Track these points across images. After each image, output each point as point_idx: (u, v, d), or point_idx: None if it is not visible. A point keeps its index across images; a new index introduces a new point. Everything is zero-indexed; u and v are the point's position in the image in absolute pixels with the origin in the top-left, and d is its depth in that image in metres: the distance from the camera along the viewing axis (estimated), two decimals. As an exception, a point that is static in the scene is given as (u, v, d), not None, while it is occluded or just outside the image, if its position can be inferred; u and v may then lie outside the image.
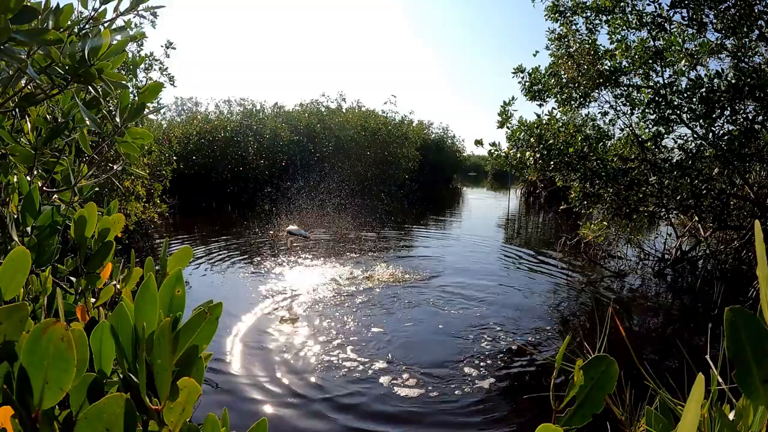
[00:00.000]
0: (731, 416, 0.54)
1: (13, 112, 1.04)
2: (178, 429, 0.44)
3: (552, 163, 5.82)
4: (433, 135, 28.70)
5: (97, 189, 1.17)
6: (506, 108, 5.96)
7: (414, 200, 17.39)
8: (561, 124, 5.97)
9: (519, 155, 6.03)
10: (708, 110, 5.27)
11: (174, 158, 8.81)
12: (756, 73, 4.95)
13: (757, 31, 5.23)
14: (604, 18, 5.87)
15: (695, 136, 5.63)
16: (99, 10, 0.96)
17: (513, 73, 6.51)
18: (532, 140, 5.86)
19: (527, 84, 6.51)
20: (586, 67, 5.89)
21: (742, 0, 5.00)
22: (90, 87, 0.94)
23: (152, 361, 0.42)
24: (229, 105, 21.47)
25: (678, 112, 5.56)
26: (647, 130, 6.00)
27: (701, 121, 5.44)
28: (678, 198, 5.59)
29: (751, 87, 4.90)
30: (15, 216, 0.85)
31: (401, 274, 5.78)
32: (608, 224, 6.37)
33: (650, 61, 5.66)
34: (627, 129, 6.41)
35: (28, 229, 0.84)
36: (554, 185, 11.64)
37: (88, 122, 0.89)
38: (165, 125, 16.36)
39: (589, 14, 5.90)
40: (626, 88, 6.15)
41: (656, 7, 5.56)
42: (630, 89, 6.13)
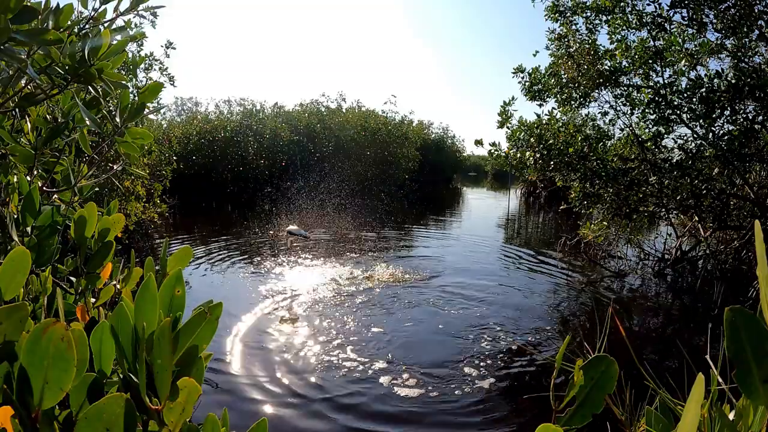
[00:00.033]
0: (731, 416, 0.54)
1: (13, 112, 1.04)
2: (178, 429, 0.44)
3: (552, 163, 5.82)
4: (433, 135, 28.70)
5: (97, 189, 1.16)
6: (506, 108, 5.96)
7: (414, 200, 17.39)
8: (561, 124, 5.96)
9: (519, 155, 6.03)
10: (708, 110, 5.27)
11: (174, 158, 8.81)
12: (756, 73, 4.95)
13: (757, 31, 5.23)
14: (604, 18, 5.87)
15: (695, 136, 5.63)
16: (99, 10, 0.96)
17: (513, 73, 6.51)
18: (532, 140, 5.86)
19: (527, 84, 6.52)
20: (586, 67, 5.89)
21: (742, 0, 5.00)
22: (90, 87, 0.94)
23: (152, 361, 0.42)
24: (229, 105, 21.49)
25: (678, 112, 5.56)
26: (647, 130, 6.00)
27: (701, 121, 5.44)
28: (678, 198, 5.59)
29: (751, 87, 4.90)
30: (15, 216, 0.85)
31: (401, 274, 5.78)
32: (608, 224, 6.37)
33: (650, 61, 5.66)
34: (627, 129, 6.42)
35: (28, 229, 0.84)
36: (554, 185, 11.64)
37: (88, 122, 0.89)
38: (165, 125, 16.36)
39: (589, 14, 5.91)
40: (626, 88, 6.15)
41: (656, 7, 5.56)
42: (630, 89, 6.13)
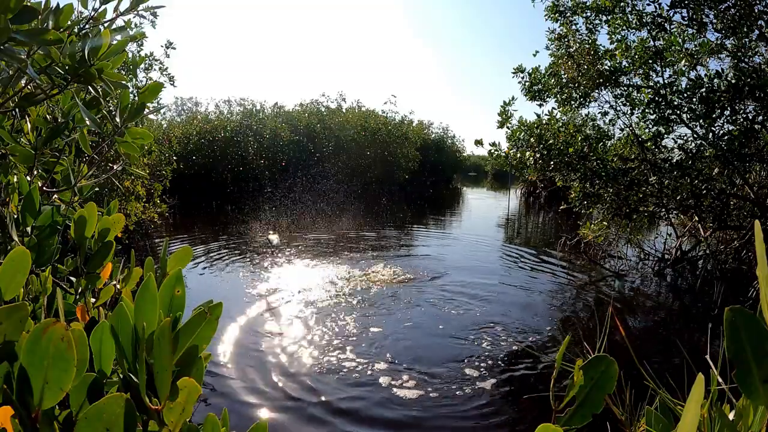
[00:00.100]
0: (731, 416, 0.54)
1: (13, 112, 1.04)
2: (178, 429, 0.44)
3: (552, 163, 5.81)
4: (433, 135, 28.68)
5: (97, 189, 1.16)
6: (506, 108, 5.96)
7: (414, 200, 17.39)
8: (561, 124, 5.96)
9: (519, 155, 6.03)
10: (708, 110, 5.27)
11: (174, 158, 8.81)
12: (756, 73, 4.95)
13: (757, 31, 5.23)
14: (604, 18, 5.87)
15: (695, 136, 5.63)
16: (99, 10, 0.96)
17: (513, 73, 6.51)
18: (532, 140, 5.86)
19: (527, 84, 6.51)
20: (586, 67, 5.89)
21: (742, 0, 5.00)
22: (90, 87, 0.94)
23: (152, 361, 0.42)
24: (229, 105, 21.50)
25: (678, 112, 5.56)
26: (647, 130, 6.00)
27: (701, 121, 5.44)
28: (678, 198, 5.59)
29: (751, 87, 4.90)
30: (15, 216, 0.85)
31: (401, 274, 5.78)
32: (608, 224, 6.36)
33: (650, 61, 5.66)
34: (627, 129, 6.41)
35: (28, 229, 0.84)
36: (554, 185, 11.64)
37: (88, 122, 0.89)
38: (165, 125, 16.37)
39: (589, 14, 5.90)
40: (626, 88, 6.15)
41: (656, 7, 5.56)
42: (630, 89, 6.13)
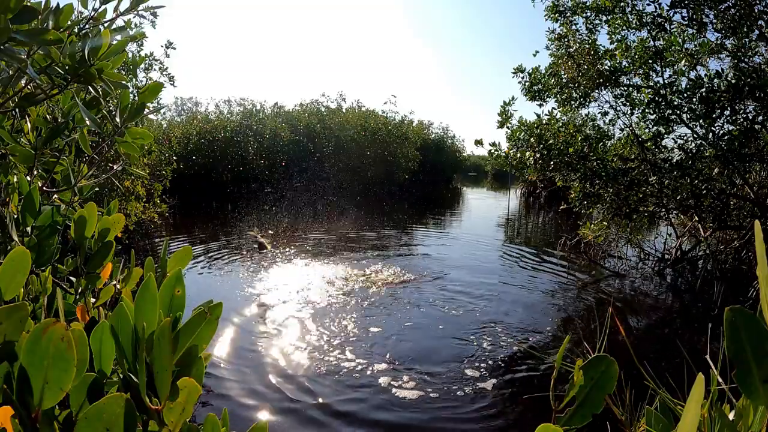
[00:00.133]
0: (731, 416, 0.54)
1: (13, 112, 1.04)
2: (178, 429, 0.44)
3: (552, 163, 5.81)
4: (433, 135, 28.68)
5: (97, 189, 1.16)
6: (506, 108, 5.96)
7: (414, 200, 17.39)
8: (561, 124, 5.96)
9: (519, 155, 6.03)
10: (708, 110, 5.27)
11: (174, 158, 8.81)
12: (756, 73, 4.95)
13: (757, 31, 5.23)
14: (604, 18, 5.87)
15: (695, 136, 5.63)
16: (99, 10, 0.96)
17: (513, 73, 6.51)
18: (532, 140, 5.86)
19: (527, 84, 6.52)
20: (586, 67, 5.89)
21: (742, 0, 5.00)
22: (90, 87, 0.94)
23: (152, 361, 0.42)
24: (229, 105, 21.51)
25: (678, 112, 5.56)
26: (647, 130, 6.00)
27: (701, 121, 5.44)
28: (678, 198, 5.59)
29: (751, 87, 4.90)
30: (15, 216, 0.85)
31: (401, 274, 5.78)
32: (608, 224, 6.36)
33: (650, 61, 5.66)
34: (627, 129, 6.41)
35: (28, 229, 0.84)
36: (554, 185, 11.64)
37: (88, 122, 0.89)
38: (165, 125, 16.37)
39: (589, 14, 5.90)
40: (626, 88, 6.14)
41: (656, 7, 5.56)
42: (630, 89, 6.13)
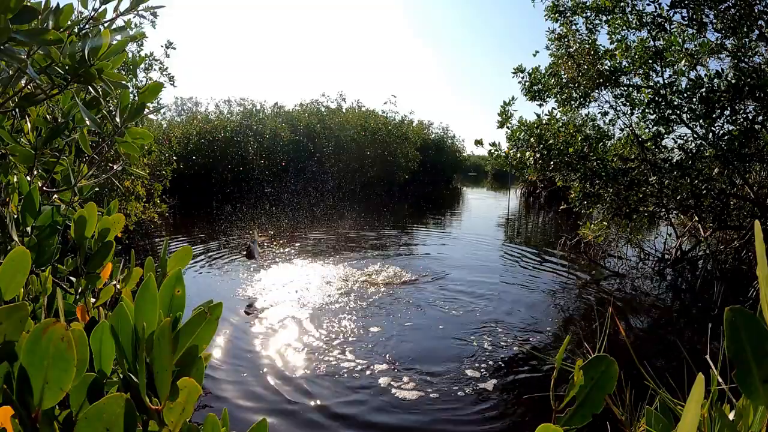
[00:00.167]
0: (731, 416, 0.53)
1: (13, 112, 1.04)
2: (178, 429, 0.44)
3: (552, 163, 5.81)
4: (433, 135, 28.69)
5: (97, 189, 1.16)
6: (506, 108, 5.96)
7: (414, 200, 17.39)
8: (561, 124, 5.96)
9: (519, 155, 6.03)
10: (708, 110, 5.26)
11: (174, 158, 8.81)
12: (756, 73, 4.95)
13: (757, 31, 5.23)
14: (604, 18, 5.87)
15: (695, 136, 5.63)
16: (99, 10, 0.96)
17: (513, 73, 6.51)
18: (532, 140, 5.86)
19: (527, 84, 6.51)
20: (586, 67, 5.89)
21: (742, 0, 5.00)
22: (90, 87, 0.94)
23: (152, 361, 0.42)
24: (229, 105, 21.51)
25: (678, 112, 5.56)
26: (647, 130, 6.00)
27: (701, 121, 5.44)
28: (678, 198, 5.59)
29: (751, 87, 4.90)
30: (15, 216, 0.85)
31: (401, 274, 5.78)
32: (608, 224, 6.36)
33: (650, 61, 5.66)
34: (627, 129, 6.41)
35: (28, 229, 0.84)
36: (554, 185, 11.64)
37: (88, 122, 0.89)
38: (165, 125, 16.37)
39: (589, 14, 5.90)
40: (626, 88, 6.14)
41: (656, 7, 5.56)
42: (630, 89, 6.13)
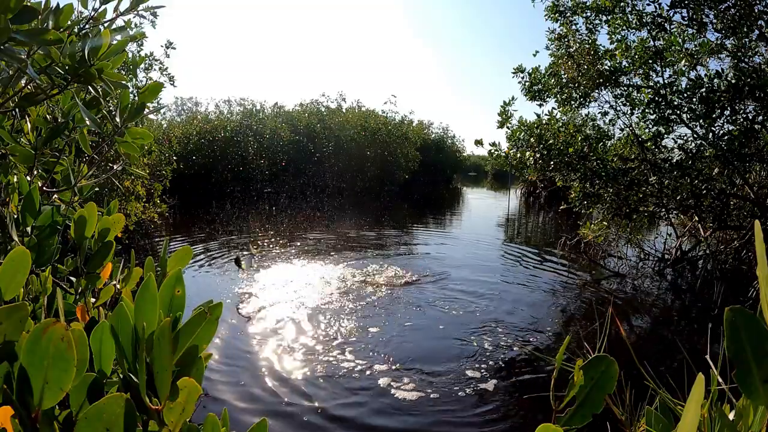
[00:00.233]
0: (731, 416, 0.54)
1: (13, 112, 1.04)
2: (178, 429, 0.44)
3: (552, 163, 5.81)
4: (433, 135, 28.71)
5: (97, 189, 1.16)
6: (506, 108, 5.96)
7: (414, 200, 17.39)
8: (561, 124, 5.96)
9: (519, 155, 6.03)
10: (708, 110, 5.27)
11: (174, 158, 8.82)
12: (756, 73, 4.95)
13: (757, 31, 5.23)
14: (604, 18, 5.87)
15: (695, 136, 5.63)
16: (99, 10, 0.96)
17: (513, 73, 6.51)
18: (532, 140, 5.86)
19: (527, 84, 6.52)
20: (586, 67, 5.89)
21: (742, 0, 5.00)
22: (90, 87, 0.94)
23: (152, 361, 0.42)
24: (229, 105, 21.53)
25: (678, 112, 5.56)
26: (647, 130, 6.00)
27: (701, 121, 5.44)
28: (678, 198, 5.59)
29: (751, 87, 4.90)
30: (15, 216, 0.85)
31: (401, 274, 5.78)
32: (608, 224, 6.36)
33: (650, 61, 5.66)
34: (627, 129, 6.41)
35: (28, 229, 0.84)
36: (554, 185, 11.64)
37: (88, 122, 0.89)
38: (165, 125, 16.38)
39: (589, 14, 5.91)
40: (626, 88, 6.15)
41: (656, 7, 5.56)
42: (630, 89, 6.13)
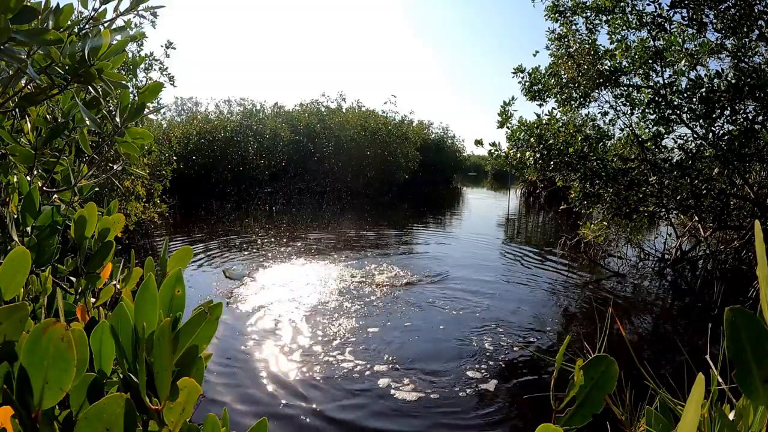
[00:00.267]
0: (731, 416, 0.54)
1: (13, 112, 1.04)
2: (178, 429, 0.44)
3: (552, 163, 5.81)
4: (433, 135, 28.69)
5: (97, 189, 1.16)
6: (506, 108, 5.96)
7: (414, 200, 17.39)
8: (561, 124, 5.96)
9: (519, 155, 6.03)
10: (708, 110, 5.27)
11: (174, 158, 8.81)
12: (756, 73, 4.95)
13: (757, 31, 5.23)
14: (604, 18, 5.87)
15: (695, 136, 5.63)
16: (99, 10, 0.96)
17: (513, 73, 6.51)
18: (532, 140, 5.86)
19: (527, 84, 6.52)
20: (586, 67, 5.89)
21: (742, 0, 5.00)
22: (90, 87, 0.94)
23: (152, 361, 0.42)
24: (229, 105, 21.53)
25: (678, 112, 5.56)
26: (647, 130, 6.00)
27: (701, 121, 5.44)
28: (678, 198, 5.59)
29: (751, 87, 4.90)
30: (15, 216, 0.85)
31: (401, 274, 5.78)
32: (608, 224, 6.36)
33: (650, 61, 5.66)
34: (627, 129, 6.42)
35: (28, 229, 0.84)
36: (554, 185, 11.64)
37: (88, 122, 0.89)
38: (165, 125, 16.37)
39: (589, 14, 5.91)
40: (626, 88, 6.15)
41: (656, 7, 5.56)
42: (630, 89, 6.13)
